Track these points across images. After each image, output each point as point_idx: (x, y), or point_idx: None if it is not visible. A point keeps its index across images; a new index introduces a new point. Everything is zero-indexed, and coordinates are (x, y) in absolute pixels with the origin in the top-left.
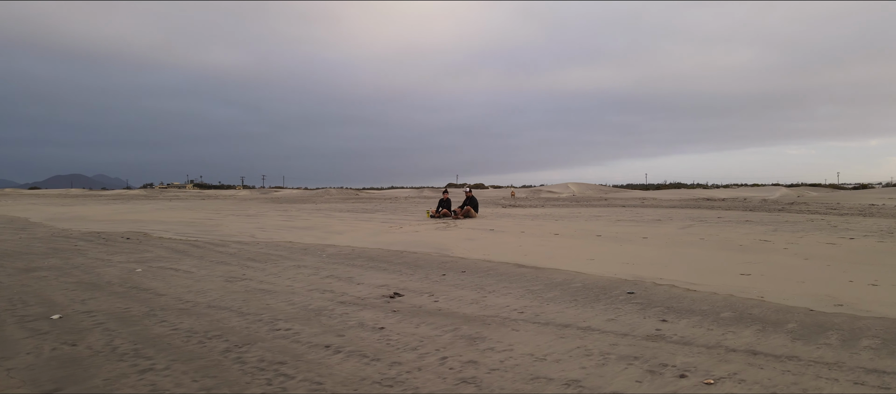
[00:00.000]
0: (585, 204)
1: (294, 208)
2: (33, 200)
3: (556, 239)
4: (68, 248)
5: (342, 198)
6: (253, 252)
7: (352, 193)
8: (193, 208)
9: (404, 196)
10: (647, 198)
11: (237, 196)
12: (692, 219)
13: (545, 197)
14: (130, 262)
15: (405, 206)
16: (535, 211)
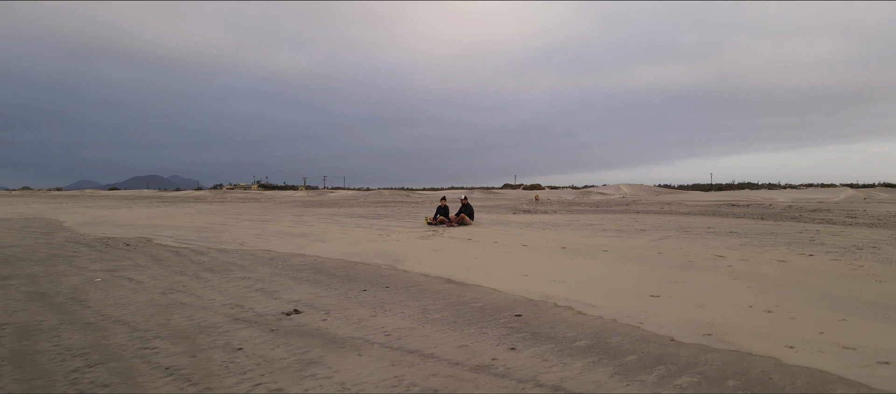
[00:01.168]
0: (604, 209)
1: (312, 213)
2: (97, 201)
3: (519, 251)
4: (65, 254)
5: (376, 201)
6: (222, 261)
7: (403, 194)
8: (221, 213)
9: (451, 199)
10: (672, 203)
11: (292, 198)
12: (678, 229)
13: (583, 202)
14: (102, 270)
15: (424, 211)
16: (540, 218)
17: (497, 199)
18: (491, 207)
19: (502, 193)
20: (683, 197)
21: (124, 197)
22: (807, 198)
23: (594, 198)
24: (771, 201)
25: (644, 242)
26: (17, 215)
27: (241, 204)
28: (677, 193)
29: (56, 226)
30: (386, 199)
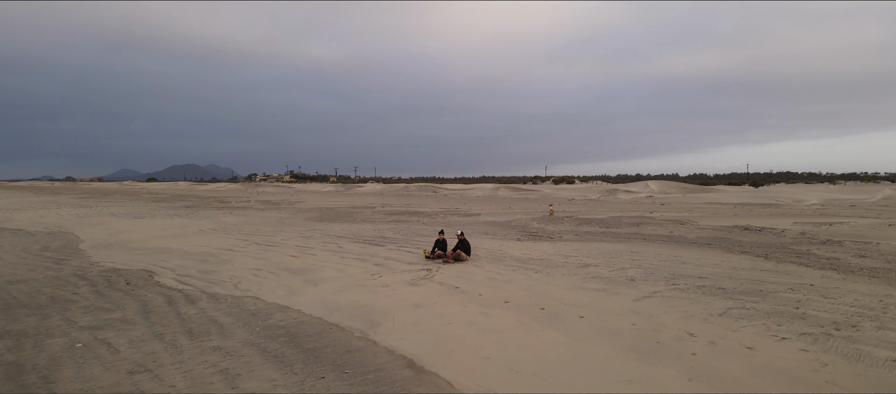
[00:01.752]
0: (614, 232)
1: (321, 234)
2: (127, 204)
3: (497, 313)
4: (65, 296)
5: (395, 211)
6: (206, 317)
7: (430, 189)
8: (234, 230)
9: (474, 196)
10: (694, 211)
11: (319, 192)
12: (669, 280)
13: (597, 216)
14: (89, 328)
15: (436, 226)
16: (541, 250)
17: (517, 204)
18: (499, 227)
19: (527, 193)
20: (710, 198)
21: (154, 195)
22: (840, 199)
23: (621, 197)
24: (798, 208)
25: (625, 301)
26: (43, 228)
27: (260, 212)
28: (707, 193)
29: (72, 249)
30: (410, 196)
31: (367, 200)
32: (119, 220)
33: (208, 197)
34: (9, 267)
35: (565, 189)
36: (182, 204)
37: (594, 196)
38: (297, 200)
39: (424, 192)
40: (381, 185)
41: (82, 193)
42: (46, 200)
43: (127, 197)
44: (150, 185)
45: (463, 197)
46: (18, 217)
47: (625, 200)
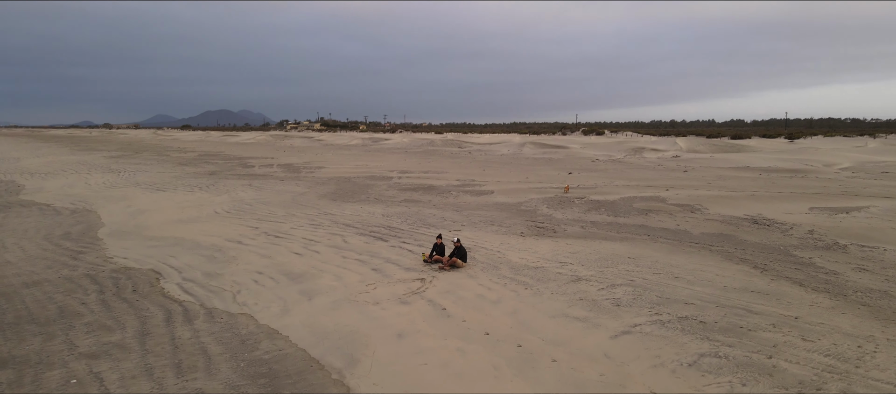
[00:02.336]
0: (616, 229)
1: (330, 222)
2: (155, 167)
3: (473, 349)
4: (73, 309)
5: (416, 173)
6: (196, 347)
7: (455, 144)
8: (248, 212)
9: (498, 155)
10: (699, 207)
11: (348, 145)
12: (653, 310)
13: (616, 186)
14: (86, 356)
15: (444, 214)
16: (543, 248)
17: (538, 169)
18: (508, 214)
19: (553, 151)
20: (738, 161)
21: (183, 153)
22: (874, 162)
23: (646, 157)
24: (826, 177)
25: (602, 339)
26: (70, 203)
27: (279, 184)
28: (736, 153)
29: (90, 237)
30: (433, 154)
31: (389, 161)
32: (142, 193)
33: (233, 160)
34: (28, 262)
35: (592, 144)
36: (206, 170)
37: (619, 155)
38: (319, 164)
39: (449, 148)
40: (408, 137)
41: (115, 149)
42: (80, 160)
43: (155, 158)
44: (183, 135)
45: (486, 158)
46: (49, 186)
47: (649, 162)
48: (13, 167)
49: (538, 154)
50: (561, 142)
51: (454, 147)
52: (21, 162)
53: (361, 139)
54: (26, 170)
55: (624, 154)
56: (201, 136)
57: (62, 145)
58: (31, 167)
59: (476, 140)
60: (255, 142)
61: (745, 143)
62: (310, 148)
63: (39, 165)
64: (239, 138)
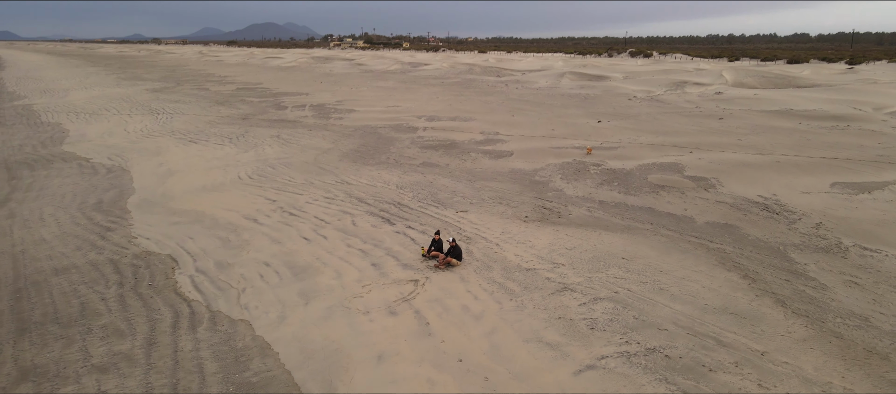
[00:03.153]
0: (621, 212)
1: (344, 193)
2: (192, 106)
3: (442, 382)
4: (93, 307)
5: (431, 139)
6: (195, 360)
7: (495, 69)
8: (265, 180)
9: (534, 90)
10: (715, 183)
11: (386, 72)
12: (631, 331)
13: (618, 167)
14: (98, 369)
15: (460, 183)
16: (538, 242)
17: (567, 116)
18: (519, 188)
19: (592, 84)
20: (783, 101)
21: (224, 82)
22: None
23: (687, 93)
24: (869, 127)
25: (565, 375)
26: (107, 157)
27: (305, 138)
28: (783, 91)
29: (120, 210)
30: (467, 88)
31: (421, 99)
32: (175, 145)
33: (268, 98)
34: (61, 241)
35: (635, 75)
36: (240, 113)
37: (659, 91)
38: (349, 107)
39: (487, 78)
40: (448, 61)
41: (159, 78)
42: (123, 94)
43: (195, 93)
44: (227, 55)
45: (520, 95)
46: (91, 133)
47: (687, 103)
48: (61, 104)
49: (575, 89)
50: (603, 69)
51: (492, 76)
52: (69, 95)
53: (401, 64)
54: (72, 108)
55: (664, 89)
56: (244, 56)
57: (110, 71)
58: (77, 104)
59: (517, 65)
60: (295, 65)
61: (799, 71)
62: (347, 78)
63: (85, 100)
64: (281, 60)
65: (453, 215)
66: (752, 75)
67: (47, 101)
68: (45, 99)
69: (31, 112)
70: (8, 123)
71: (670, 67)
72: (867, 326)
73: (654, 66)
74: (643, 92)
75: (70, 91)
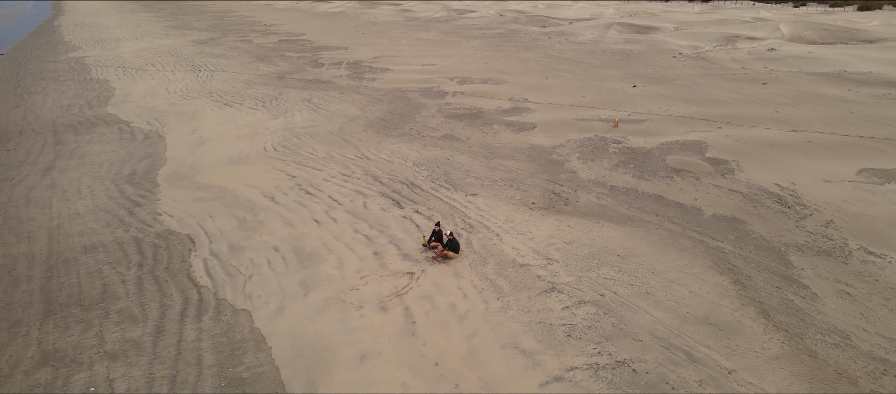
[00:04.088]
0: (630, 200)
1: (361, 171)
2: (234, 60)
3: (414, 387)
4: (113, 291)
5: (459, 107)
6: (195, 352)
7: (541, 18)
8: (289, 152)
9: (576, 43)
10: (734, 168)
11: (432, 20)
12: (606, 340)
13: (638, 146)
14: (109, 357)
15: (480, 161)
16: (539, 233)
17: (603, 79)
18: (533, 169)
19: (642, 35)
20: (840, 60)
21: (266, 39)
22: None
23: (738, 48)
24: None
25: (533, 386)
26: (146, 121)
27: (335, 103)
28: (841, 49)
29: (150, 183)
30: (513, 37)
31: (459, 56)
32: (210, 109)
33: (307, 54)
34: (93, 216)
35: (687, 25)
36: (276, 71)
37: (708, 46)
38: (389, 59)
39: (531, 28)
40: (495, 9)
41: (206, 26)
42: (170, 46)
43: (238, 46)
44: None
45: (560, 50)
46: (134, 93)
47: (733, 63)
48: (111, 57)
49: (619, 43)
50: (655, 18)
51: (537, 26)
52: (120, 47)
53: (447, 12)
54: (121, 62)
55: (713, 45)
56: (291, 1)
57: (162, 18)
58: (126, 57)
59: (565, 13)
60: (340, 11)
61: (867, 21)
62: (390, 27)
63: (134, 53)
64: (327, 4)
65: (462, 199)
66: (812, 28)
67: (99, 53)
68: (97, 51)
69: (82, 66)
70: (61, 78)
71: (727, 16)
72: (846, 344)
73: (709, 15)
74: (690, 48)
75: (121, 42)
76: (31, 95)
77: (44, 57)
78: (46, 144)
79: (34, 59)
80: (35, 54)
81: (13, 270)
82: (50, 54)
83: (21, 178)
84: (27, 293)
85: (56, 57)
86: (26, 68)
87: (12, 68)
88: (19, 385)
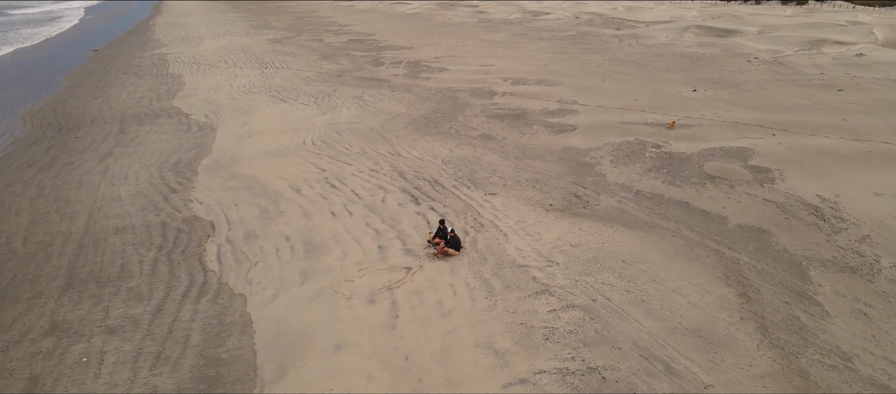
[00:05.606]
0: (652, 206)
1: (389, 166)
2: (300, 59)
3: (380, 378)
4: (130, 270)
5: (506, 106)
6: (184, 330)
7: (617, 20)
8: (327, 148)
9: (649, 44)
10: (775, 174)
11: (506, 22)
12: (583, 347)
13: (685, 151)
14: (108, 331)
15: (510, 161)
16: (547, 236)
17: (662, 82)
18: (561, 170)
19: (713, 43)
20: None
21: (337, 38)
22: None
23: (821, 58)
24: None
25: (495, 387)
26: (203, 114)
27: (388, 96)
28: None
29: (191, 171)
30: (583, 39)
31: (520, 58)
32: (266, 104)
33: (371, 53)
34: (131, 200)
35: (772, 29)
36: (336, 69)
37: (789, 51)
38: (450, 59)
39: (604, 31)
40: (572, 11)
41: (284, 26)
42: (246, 45)
43: (309, 44)
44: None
45: (627, 54)
46: (202, 87)
47: (814, 69)
48: (191, 54)
49: (692, 47)
50: (739, 21)
51: (611, 28)
52: (201, 45)
53: (522, 13)
54: (198, 59)
55: (795, 49)
56: (372, 2)
57: (247, 18)
58: (204, 55)
59: (644, 16)
60: (418, 12)
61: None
62: (461, 28)
63: (212, 51)
64: (407, 6)
65: (480, 198)
66: None
67: (181, 50)
68: (179, 48)
69: (163, 62)
70: (141, 73)
71: (819, 19)
72: (845, 367)
73: (800, 18)
74: (769, 52)
75: (204, 40)
76: (110, 88)
77: (131, 53)
78: (111, 132)
79: (123, 55)
80: (125, 51)
81: (49, 246)
82: (138, 51)
83: (80, 163)
84: (55, 268)
85: (142, 53)
86: (114, 63)
87: (102, 63)
88: (24, 351)
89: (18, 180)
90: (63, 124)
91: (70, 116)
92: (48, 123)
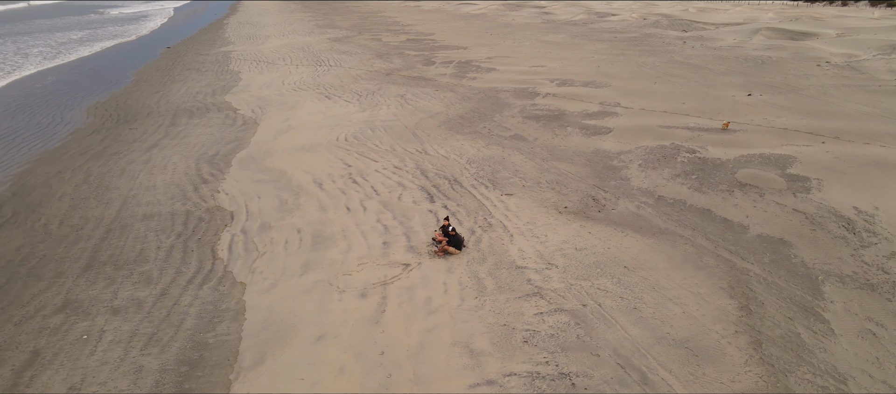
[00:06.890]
0: (666, 219)
1: (413, 164)
2: (355, 56)
3: (351, 371)
4: (146, 254)
5: (546, 106)
6: (178, 315)
7: (686, 22)
8: (359, 143)
9: (714, 47)
10: (813, 183)
11: (569, 23)
12: (563, 351)
13: (725, 157)
14: (111, 312)
15: (536, 160)
16: (554, 238)
17: (734, 75)
18: (593, 175)
19: (783, 46)
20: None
21: (395, 38)
22: None
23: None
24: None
25: (461, 388)
26: (250, 108)
27: (432, 95)
28: None
29: (224, 163)
30: (645, 41)
31: (573, 59)
32: (310, 101)
33: (424, 53)
34: (164, 189)
35: (854, 31)
36: (386, 68)
37: (866, 55)
38: (502, 59)
39: (670, 33)
40: (640, 12)
41: (348, 26)
42: (306, 44)
43: (368, 43)
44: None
45: (687, 56)
46: (255, 83)
47: (893, 70)
48: (253, 52)
49: (760, 49)
50: (818, 23)
51: (677, 30)
52: (266, 43)
53: (588, 15)
54: (259, 56)
55: (873, 53)
56: (439, 2)
57: (315, 18)
58: (266, 52)
59: (716, 18)
60: (483, 12)
61: None
62: (522, 29)
63: (274, 49)
64: (473, 6)
65: (495, 198)
66: None
67: (245, 48)
68: (244, 46)
69: (226, 59)
70: (203, 69)
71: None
72: (837, 389)
73: (889, 20)
74: (842, 56)
75: (269, 38)
76: (173, 83)
77: (199, 50)
78: (162, 125)
79: (191, 53)
80: (194, 48)
81: (81, 230)
82: (206, 48)
83: (127, 152)
84: (81, 250)
85: (209, 51)
86: (181, 60)
87: (171, 60)
88: (34, 326)
89: (69, 167)
90: (121, 116)
91: (129, 108)
92: (109, 114)
